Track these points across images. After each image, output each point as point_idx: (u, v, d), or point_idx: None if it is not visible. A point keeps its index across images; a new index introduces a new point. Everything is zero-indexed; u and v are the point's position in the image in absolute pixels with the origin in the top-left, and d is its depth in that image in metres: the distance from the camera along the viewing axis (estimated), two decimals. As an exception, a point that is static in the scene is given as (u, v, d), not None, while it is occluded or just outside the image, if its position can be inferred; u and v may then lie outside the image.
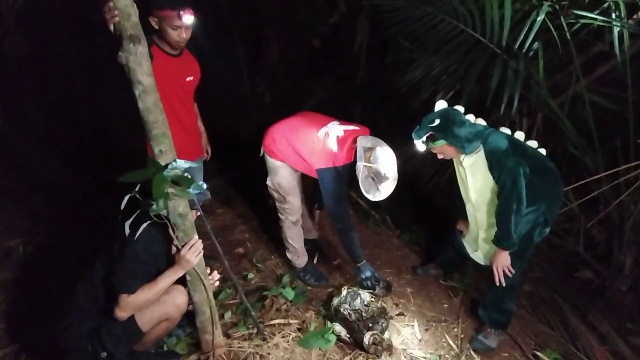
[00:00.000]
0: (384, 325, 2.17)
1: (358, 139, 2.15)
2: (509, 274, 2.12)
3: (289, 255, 2.63)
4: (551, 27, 2.45)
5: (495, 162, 2.00)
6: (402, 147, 3.55)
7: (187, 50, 2.15)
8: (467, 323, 2.45)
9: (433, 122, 2.04)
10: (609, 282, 2.85)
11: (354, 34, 4.45)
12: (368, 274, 2.43)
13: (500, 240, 2.07)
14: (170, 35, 1.96)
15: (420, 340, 2.28)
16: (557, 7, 2.42)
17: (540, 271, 3.06)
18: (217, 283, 1.93)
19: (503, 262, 2.10)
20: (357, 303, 2.22)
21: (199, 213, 1.77)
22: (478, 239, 2.31)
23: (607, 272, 2.87)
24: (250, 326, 2.18)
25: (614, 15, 2.36)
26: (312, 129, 2.23)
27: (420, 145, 2.11)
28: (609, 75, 2.61)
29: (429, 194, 3.45)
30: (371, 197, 2.14)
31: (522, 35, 2.54)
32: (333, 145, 2.16)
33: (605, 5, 2.36)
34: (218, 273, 1.94)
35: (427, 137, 2.08)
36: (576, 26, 2.45)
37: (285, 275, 2.59)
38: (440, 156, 2.18)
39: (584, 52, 2.60)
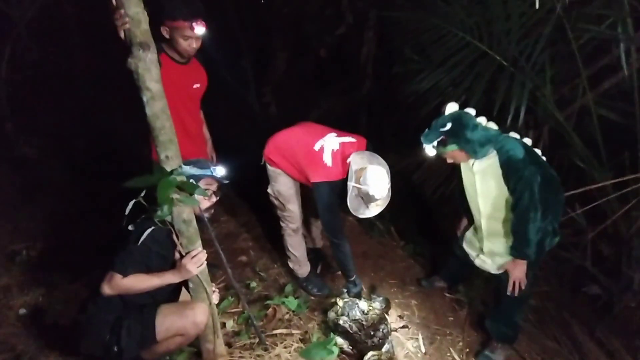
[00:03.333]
0: (385, 331, 2.14)
1: (351, 156, 2.14)
2: (523, 286, 2.08)
3: (291, 265, 2.61)
4: (558, 40, 2.46)
5: (512, 172, 1.92)
6: (407, 158, 3.56)
7: (195, 59, 2.17)
8: (472, 337, 2.41)
9: (444, 125, 1.97)
10: (617, 298, 2.80)
11: (360, 45, 4.49)
12: (359, 288, 2.47)
13: (517, 251, 2.01)
14: (181, 45, 1.98)
15: (424, 353, 2.25)
16: (564, 20, 2.43)
17: (547, 286, 3.02)
18: (216, 300, 1.91)
19: (520, 273, 2.05)
20: (356, 313, 2.19)
21: (214, 199, 1.84)
22: (483, 245, 2.24)
23: (615, 287, 2.82)
24: (252, 336, 2.15)
25: (620, 29, 2.36)
26: (309, 141, 2.26)
27: (430, 150, 2.05)
28: (616, 89, 2.61)
29: (434, 204, 3.43)
30: (359, 215, 2.15)
31: (529, 48, 2.55)
32: (327, 160, 2.19)
33: (612, 19, 2.37)
34: (221, 281, 1.93)
35: (438, 142, 2.00)
36: (583, 39, 2.45)
37: (288, 285, 2.57)
38: (450, 160, 2.11)
39: (590, 66, 2.59)
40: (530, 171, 1.89)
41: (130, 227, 1.58)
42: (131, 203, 1.51)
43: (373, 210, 2.15)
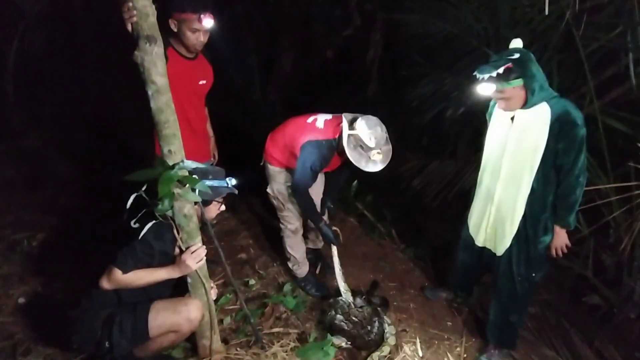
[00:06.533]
0: (380, 322, 2.17)
1: (344, 114, 2.16)
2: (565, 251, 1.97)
3: (290, 265, 2.61)
4: (566, 47, 2.45)
5: (569, 128, 1.73)
6: (410, 162, 3.55)
7: (201, 55, 2.17)
8: (470, 342, 2.39)
9: (512, 55, 1.77)
10: (617, 308, 2.78)
11: (367, 47, 4.49)
12: (328, 233, 2.40)
13: (562, 218, 1.89)
14: (189, 38, 1.98)
15: (422, 357, 2.23)
16: (573, 28, 2.42)
17: (547, 294, 2.99)
18: (214, 297, 1.90)
19: (563, 241, 1.94)
20: (349, 310, 2.21)
21: (223, 208, 1.86)
22: (490, 221, 2.10)
23: (615, 298, 2.79)
24: (249, 333, 2.15)
25: (629, 39, 2.35)
26: (302, 119, 2.32)
27: (487, 86, 1.81)
28: (623, 98, 2.59)
29: (435, 209, 3.41)
30: (364, 167, 2.07)
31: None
32: (320, 125, 2.22)
33: (622, 28, 2.36)
34: (220, 278, 1.93)
35: (501, 72, 1.75)
36: (591, 48, 2.44)
37: (286, 284, 2.57)
38: (502, 104, 1.88)
39: (598, 74, 2.58)
40: (585, 133, 1.74)
41: (132, 223, 1.58)
42: (132, 197, 1.51)
43: (377, 161, 2.07)
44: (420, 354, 2.25)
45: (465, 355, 2.29)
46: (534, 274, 2.07)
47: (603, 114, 2.54)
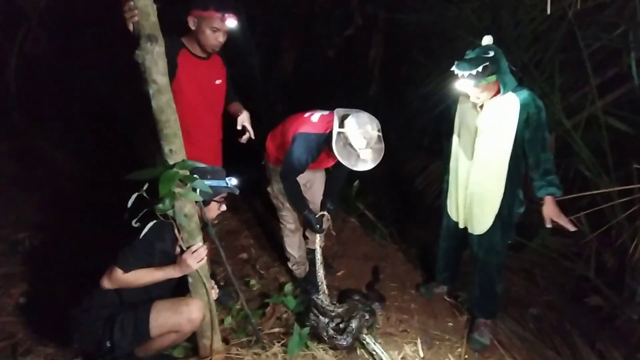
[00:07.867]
0: (358, 320, 2.16)
1: (336, 110, 2.12)
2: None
3: (290, 264, 2.61)
4: (568, 47, 2.44)
5: (533, 113, 1.93)
6: (411, 162, 3.54)
7: (215, 55, 2.09)
8: (471, 343, 2.39)
9: (487, 53, 1.91)
10: (619, 309, 2.77)
11: (368, 47, 4.48)
12: (313, 220, 2.37)
13: (556, 188, 1.99)
14: (208, 37, 1.91)
15: (422, 358, 2.23)
16: (575, 27, 2.41)
17: (548, 295, 2.98)
18: (215, 297, 1.89)
19: (554, 210, 2.00)
20: (325, 309, 2.21)
21: (224, 208, 1.85)
22: (466, 200, 2.23)
23: (618, 299, 2.78)
24: (249, 333, 2.15)
25: (631, 38, 2.34)
26: (301, 114, 2.33)
27: (465, 82, 1.93)
28: (626, 98, 2.58)
29: (436, 209, 3.40)
30: (353, 166, 2.03)
31: (538, 54, 2.53)
32: (314, 119, 2.22)
33: (624, 27, 2.35)
34: (220, 278, 1.92)
35: (480, 70, 1.87)
36: (593, 47, 2.43)
37: (287, 284, 2.57)
38: (476, 98, 2.00)
39: (600, 74, 2.57)
40: (546, 115, 1.96)
41: (133, 222, 1.58)
42: (133, 196, 1.51)
43: (367, 158, 2.02)
44: (422, 355, 2.24)
45: (466, 356, 2.28)
46: (510, 241, 2.25)
47: (605, 114, 2.53)
